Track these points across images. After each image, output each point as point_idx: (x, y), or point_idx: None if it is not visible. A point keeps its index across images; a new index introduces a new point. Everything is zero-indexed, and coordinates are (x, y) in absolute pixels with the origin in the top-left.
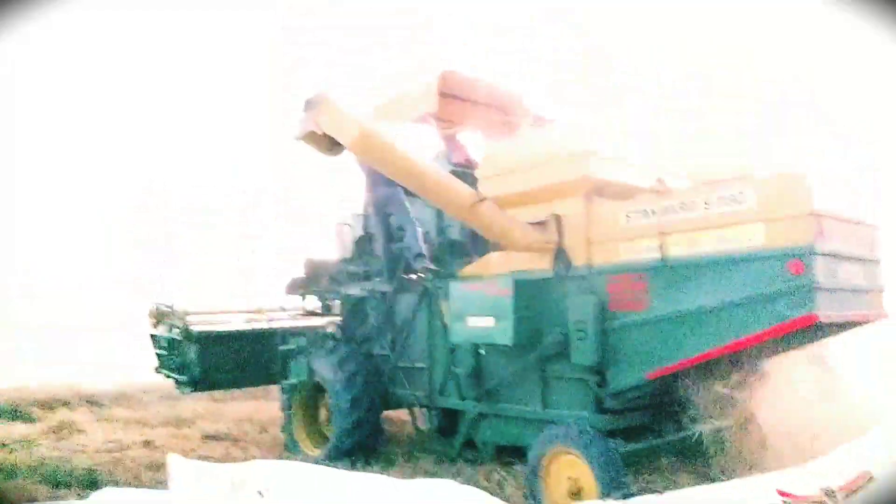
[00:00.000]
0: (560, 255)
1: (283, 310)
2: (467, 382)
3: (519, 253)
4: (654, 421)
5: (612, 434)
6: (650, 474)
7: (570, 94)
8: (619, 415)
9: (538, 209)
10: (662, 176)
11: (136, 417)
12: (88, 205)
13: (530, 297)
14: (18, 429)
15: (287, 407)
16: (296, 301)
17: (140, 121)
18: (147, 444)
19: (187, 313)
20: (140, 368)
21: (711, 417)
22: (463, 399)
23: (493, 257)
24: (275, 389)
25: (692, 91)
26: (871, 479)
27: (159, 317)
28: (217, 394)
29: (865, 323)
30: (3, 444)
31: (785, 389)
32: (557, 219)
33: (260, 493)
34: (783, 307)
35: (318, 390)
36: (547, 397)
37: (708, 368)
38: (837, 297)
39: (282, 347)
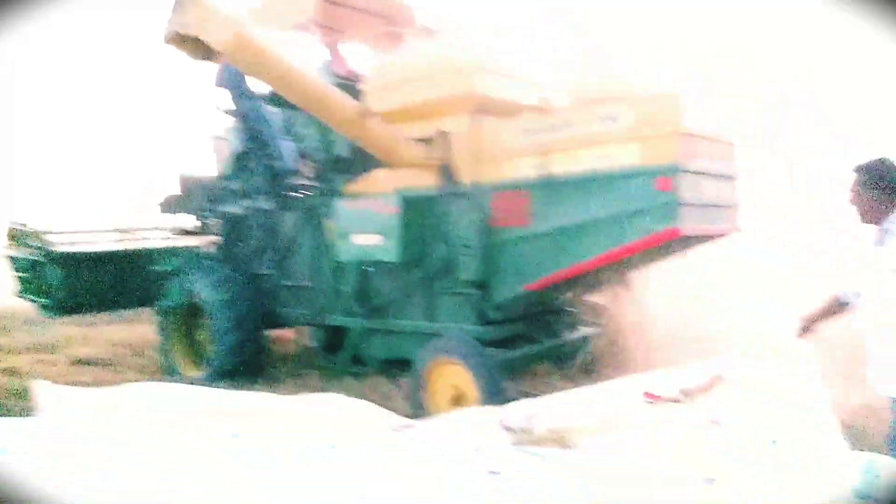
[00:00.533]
0: (446, 172)
1: (157, 229)
2: (354, 300)
3: (405, 170)
4: (532, 330)
5: (492, 344)
6: (529, 379)
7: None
8: (499, 325)
9: (425, 125)
10: (547, 94)
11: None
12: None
13: (417, 214)
14: None
15: (163, 329)
16: (170, 220)
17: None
18: (11, 371)
19: (46, 232)
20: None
21: (585, 325)
22: (349, 316)
23: (380, 174)
24: (149, 312)
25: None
26: (720, 380)
27: (17, 237)
28: (89, 317)
29: (721, 236)
30: None
31: (658, 299)
32: (444, 135)
33: None
34: (651, 221)
35: (196, 311)
36: (432, 311)
37: (582, 280)
38: (699, 212)
39: (156, 268)
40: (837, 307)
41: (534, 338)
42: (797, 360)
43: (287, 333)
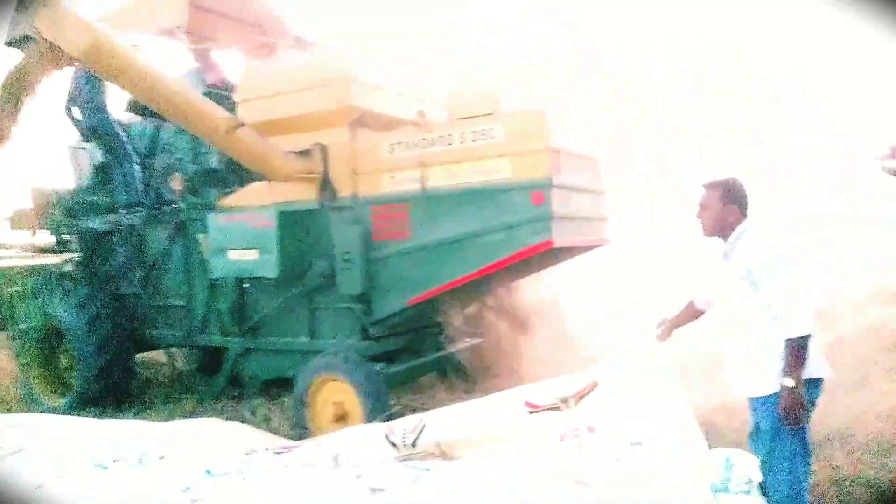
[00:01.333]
0: (325, 185)
1: (6, 247)
2: (230, 318)
3: (282, 183)
4: (415, 343)
5: (375, 358)
6: (413, 393)
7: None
8: (382, 340)
9: (303, 137)
10: (423, 108)
11: None
12: None
13: (295, 228)
14: None
15: (20, 355)
16: (22, 237)
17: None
18: None
19: None
20: None
21: (466, 337)
22: (226, 335)
23: (257, 187)
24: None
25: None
26: (596, 385)
27: None
28: None
29: (591, 248)
30: None
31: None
32: (322, 148)
33: None
34: (525, 234)
35: (55, 335)
36: (314, 327)
37: (462, 292)
38: (570, 225)
39: (8, 290)
40: (694, 312)
41: (417, 351)
42: (656, 364)
43: (159, 356)
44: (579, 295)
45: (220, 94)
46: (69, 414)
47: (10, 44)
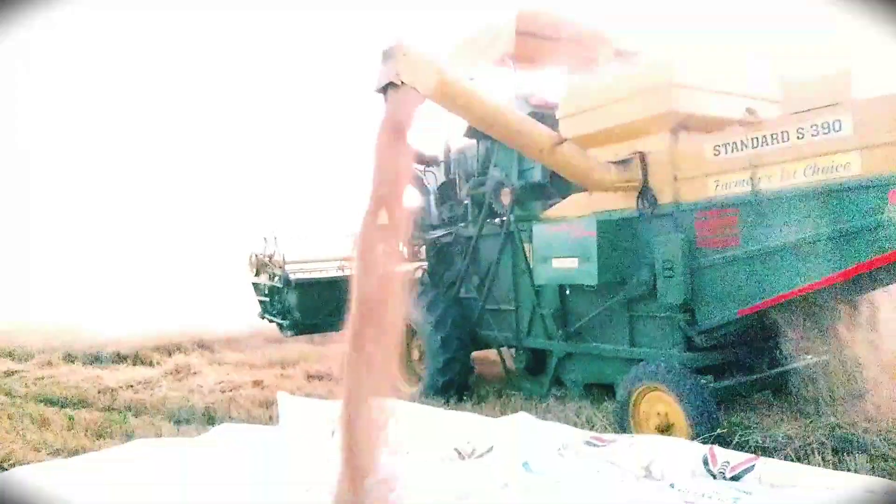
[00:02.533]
0: (645, 193)
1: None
2: (553, 323)
3: (602, 193)
4: (747, 356)
5: (701, 371)
6: (744, 411)
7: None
8: (708, 352)
9: (622, 147)
10: (752, 105)
11: (244, 360)
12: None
13: (614, 236)
14: (142, 372)
15: None
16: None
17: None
18: (256, 383)
19: (285, 262)
20: (244, 314)
21: (806, 353)
22: (550, 339)
23: (577, 198)
24: None
25: None
26: None
27: (259, 266)
28: (317, 337)
29: None
30: (130, 386)
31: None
32: (641, 156)
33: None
34: (880, 239)
35: (410, 331)
36: (634, 336)
37: (802, 303)
38: None
39: None
40: None
41: (750, 365)
42: None
43: (491, 354)
44: None
45: (544, 114)
46: (419, 401)
47: (378, 90)
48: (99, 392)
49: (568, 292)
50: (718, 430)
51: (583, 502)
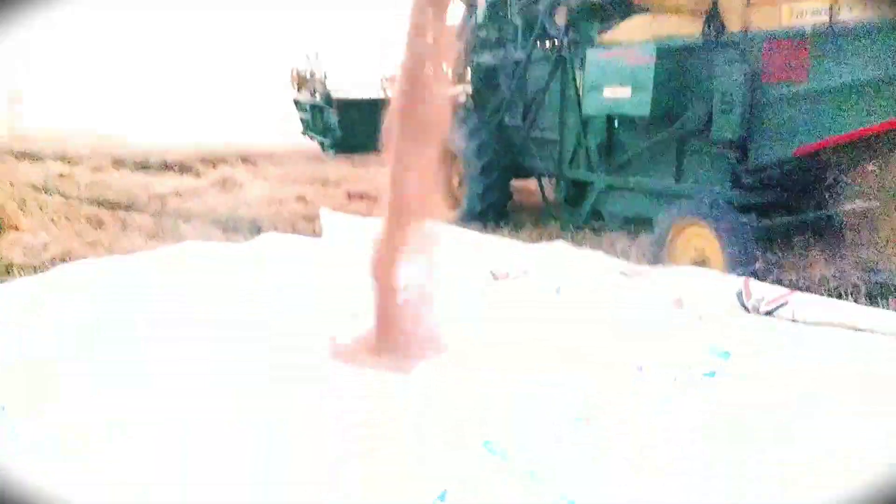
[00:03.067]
0: (713, 17)
1: None
2: (598, 155)
3: (666, 16)
4: (792, 198)
5: (745, 209)
6: (782, 251)
7: None
8: (755, 191)
9: None
10: None
11: (286, 175)
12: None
13: (673, 65)
14: (188, 181)
15: None
16: None
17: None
18: (300, 199)
19: (326, 78)
20: (286, 130)
21: (856, 198)
22: (592, 171)
23: (637, 21)
24: None
25: None
26: None
27: (301, 82)
28: (357, 159)
29: None
30: (178, 194)
31: None
32: None
33: None
34: None
35: (451, 157)
36: (680, 171)
37: (861, 146)
38: None
39: None
40: None
41: (794, 207)
42: None
43: (531, 184)
44: None
45: None
46: (459, 225)
47: None
48: (149, 198)
49: (616, 124)
50: (753, 268)
51: (611, 328)
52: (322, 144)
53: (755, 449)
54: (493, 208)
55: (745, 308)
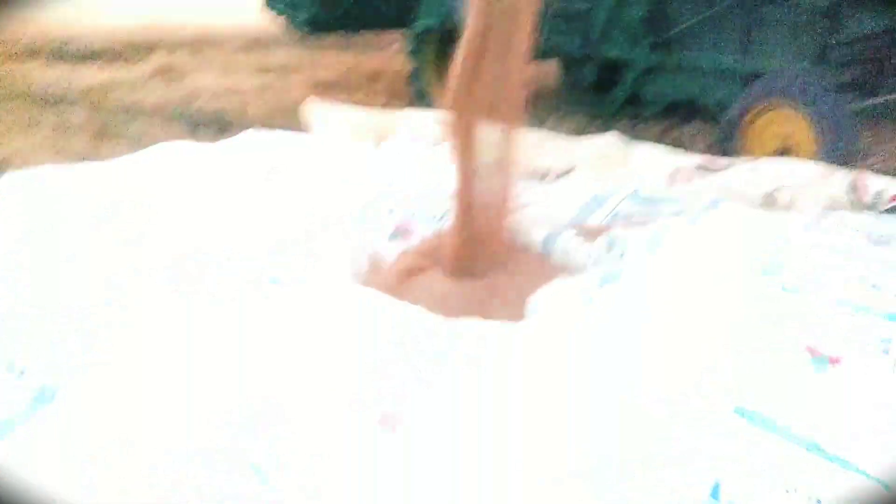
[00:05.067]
0: None
1: None
2: (641, 28)
3: None
4: (886, 74)
5: (841, 88)
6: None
7: None
8: (846, 67)
9: None
10: None
11: (234, 62)
12: None
13: None
14: (121, 73)
15: (416, 55)
16: None
17: None
18: (264, 89)
19: None
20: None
21: None
22: (634, 47)
23: None
24: (366, 41)
25: None
26: None
27: None
28: (309, 43)
29: None
30: (112, 86)
31: None
32: None
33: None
34: None
35: (453, 36)
36: (750, 45)
37: None
38: None
39: None
40: None
41: (877, 85)
42: None
43: (549, 67)
44: None
45: None
46: None
47: None
48: (82, 92)
49: None
50: (856, 156)
51: (695, 235)
52: (291, 21)
53: None
54: None
55: (857, 206)
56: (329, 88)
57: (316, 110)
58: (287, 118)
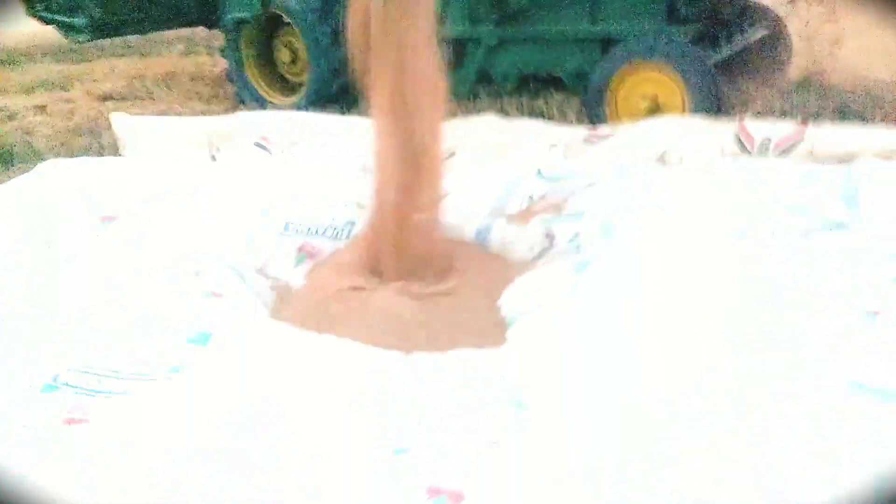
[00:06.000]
0: None
1: None
2: (484, 4)
3: None
4: (714, 30)
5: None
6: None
7: None
8: (690, 23)
9: None
10: None
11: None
12: None
13: None
14: None
15: (234, 50)
16: None
17: None
18: (40, 108)
19: None
20: None
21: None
22: (476, 25)
23: None
24: (149, 43)
25: None
26: None
27: None
28: (77, 54)
29: None
30: None
31: None
32: None
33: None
34: None
35: (274, 25)
36: (597, 11)
37: None
38: None
39: None
40: None
41: (717, 38)
42: None
43: None
44: None
45: None
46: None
47: None
48: None
49: None
50: (723, 106)
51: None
52: (63, 27)
53: None
54: (347, 88)
55: (749, 152)
56: (121, 101)
57: (124, 126)
58: (80, 141)
